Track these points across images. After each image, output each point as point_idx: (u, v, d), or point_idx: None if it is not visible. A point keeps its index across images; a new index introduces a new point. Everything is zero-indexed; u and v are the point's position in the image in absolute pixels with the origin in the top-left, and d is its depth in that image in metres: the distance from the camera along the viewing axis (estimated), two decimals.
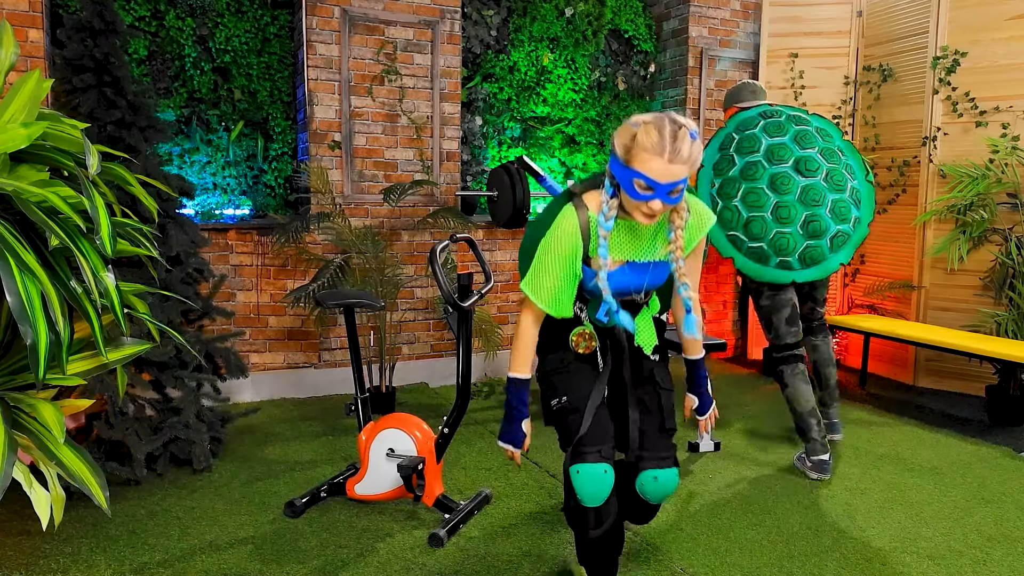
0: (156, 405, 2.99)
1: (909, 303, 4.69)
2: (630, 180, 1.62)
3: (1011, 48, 4.24)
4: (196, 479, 2.98)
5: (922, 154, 4.60)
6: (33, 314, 1.56)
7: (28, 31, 3.38)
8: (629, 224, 1.76)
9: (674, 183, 1.59)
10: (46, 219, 1.61)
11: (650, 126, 1.58)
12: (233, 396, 3.96)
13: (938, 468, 3.22)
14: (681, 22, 5.19)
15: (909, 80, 4.69)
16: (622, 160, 1.63)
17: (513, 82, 4.99)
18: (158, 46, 4.03)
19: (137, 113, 3.00)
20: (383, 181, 4.27)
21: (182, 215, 3.17)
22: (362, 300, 2.65)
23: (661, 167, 1.57)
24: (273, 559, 2.34)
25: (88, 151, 1.71)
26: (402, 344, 4.42)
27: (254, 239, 4.05)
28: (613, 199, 1.69)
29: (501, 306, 4.79)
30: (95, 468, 1.80)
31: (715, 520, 2.67)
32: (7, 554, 2.34)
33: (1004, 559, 2.41)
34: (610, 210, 1.69)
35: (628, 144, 1.61)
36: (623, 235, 1.77)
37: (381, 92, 4.23)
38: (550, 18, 4.97)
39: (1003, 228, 4.26)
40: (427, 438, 2.56)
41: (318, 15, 4.02)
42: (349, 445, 3.40)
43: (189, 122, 4.18)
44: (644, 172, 1.58)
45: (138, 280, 2.70)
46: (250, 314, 4.09)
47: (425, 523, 2.61)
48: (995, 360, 3.75)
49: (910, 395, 4.45)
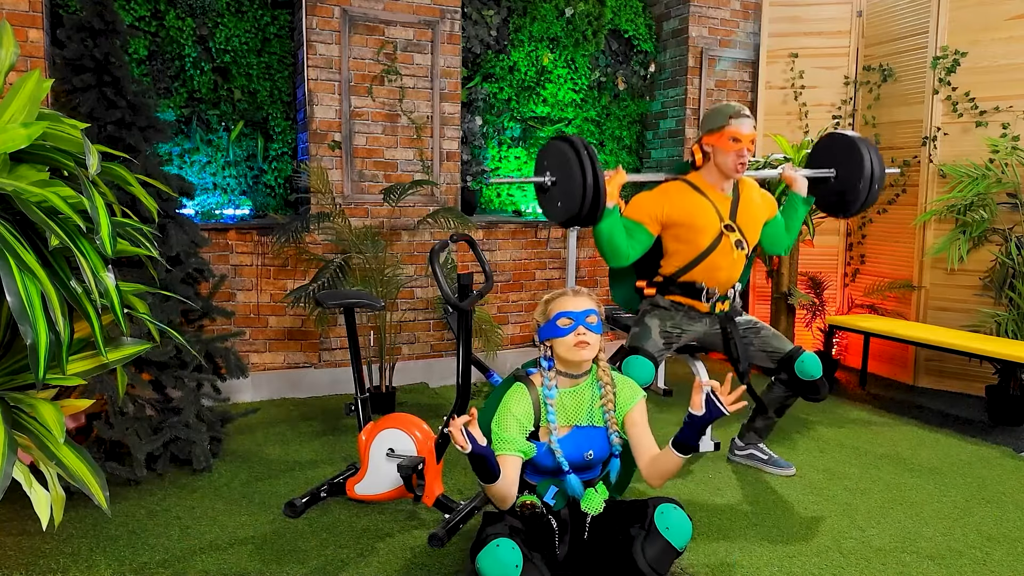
0: (156, 405, 2.99)
1: (909, 303, 4.69)
2: (555, 325, 1.98)
3: (1011, 48, 4.24)
4: (196, 479, 2.98)
5: (922, 154, 4.60)
6: (33, 314, 1.56)
7: (28, 31, 3.38)
8: (569, 392, 2.04)
9: (587, 311, 1.97)
10: (46, 219, 1.61)
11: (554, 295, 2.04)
12: (233, 396, 3.96)
13: (938, 468, 3.22)
14: (681, 22, 5.19)
15: (909, 80, 4.69)
16: (545, 319, 2.02)
17: (513, 82, 4.99)
18: (158, 46, 4.03)
19: (137, 113, 3.00)
20: (383, 181, 4.27)
21: (182, 215, 3.17)
22: (362, 300, 2.65)
23: (571, 301, 1.99)
24: (273, 559, 2.34)
25: (88, 151, 1.71)
26: (402, 344, 4.42)
27: (254, 239, 4.05)
28: (550, 370, 2.03)
29: (501, 306, 4.79)
30: (95, 468, 1.79)
31: (715, 520, 2.66)
32: (7, 554, 2.34)
33: (1004, 559, 2.41)
34: (551, 380, 2.01)
35: (543, 309, 2.04)
36: (566, 401, 2.03)
37: (381, 92, 4.23)
38: (550, 18, 4.97)
39: (1003, 228, 4.26)
40: (427, 438, 2.56)
41: (318, 15, 4.02)
42: (349, 445, 3.40)
43: (189, 122, 4.18)
44: (561, 309, 1.98)
45: (138, 280, 2.70)
46: (250, 314, 4.09)
47: (425, 523, 2.61)
48: (995, 360, 3.75)
49: (910, 395, 4.45)
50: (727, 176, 2.87)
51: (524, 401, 1.99)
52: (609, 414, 2.02)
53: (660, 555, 1.83)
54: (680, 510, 1.88)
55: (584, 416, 2.04)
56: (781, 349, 2.95)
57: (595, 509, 1.99)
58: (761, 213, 3.02)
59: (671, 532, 1.83)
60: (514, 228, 4.76)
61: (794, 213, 3.11)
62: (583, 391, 2.05)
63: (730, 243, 2.87)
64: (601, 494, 2.02)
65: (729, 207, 2.91)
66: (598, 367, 2.08)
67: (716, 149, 2.84)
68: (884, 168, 3.11)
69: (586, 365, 2.03)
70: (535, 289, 4.88)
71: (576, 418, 2.03)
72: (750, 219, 2.95)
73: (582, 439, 2.02)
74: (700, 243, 2.87)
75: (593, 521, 2.01)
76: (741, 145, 2.78)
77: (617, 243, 2.83)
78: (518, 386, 2.04)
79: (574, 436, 2.02)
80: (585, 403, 2.05)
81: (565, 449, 1.99)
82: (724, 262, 2.89)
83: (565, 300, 2.01)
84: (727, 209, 2.90)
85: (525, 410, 1.98)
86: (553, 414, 1.99)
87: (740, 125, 2.78)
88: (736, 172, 2.83)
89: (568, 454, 1.99)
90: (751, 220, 2.96)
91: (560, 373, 2.04)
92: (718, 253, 2.87)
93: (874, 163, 3.07)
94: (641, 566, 1.81)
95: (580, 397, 2.05)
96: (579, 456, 2.01)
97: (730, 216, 2.90)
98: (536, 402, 2.00)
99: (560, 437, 2.00)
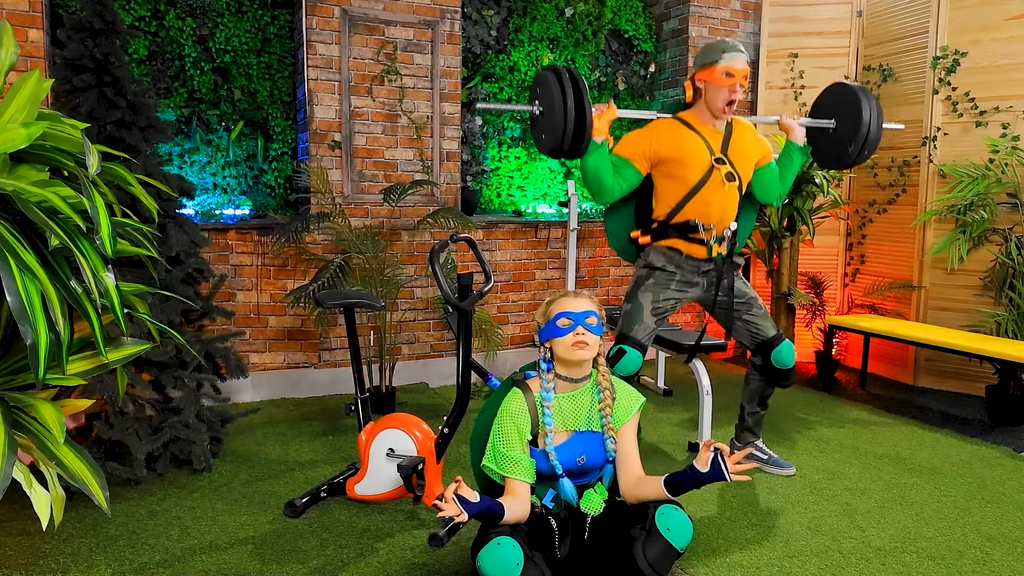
0: (156, 405, 2.99)
1: (909, 303, 4.69)
2: (554, 325, 1.98)
3: (1011, 48, 4.24)
4: (196, 479, 2.98)
5: (922, 154, 4.60)
6: (33, 314, 1.56)
7: (28, 31, 3.38)
8: (569, 397, 2.04)
9: (587, 311, 1.98)
10: (46, 219, 1.61)
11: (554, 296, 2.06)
12: (233, 396, 3.96)
13: (938, 468, 3.22)
14: (681, 22, 5.19)
15: (909, 80, 4.69)
16: (545, 320, 2.02)
17: (513, 82, 4.99)
18: (158, 46, 4.03)
19: (137, 113, 3.00)
20: (383, 181, 4.27)
21: (182, 215, 3.17)
22: (362, 300, 2.65)
23: (571, 302, 2.00)
24: (273, 559, 2.34)
25: (88, 151, 1.71)
26: (402, 344, 4.42)
27: (254, 239, 4.05)
28: (549, 372, 2.02)
29: (501, 306, 4.79)
30: (95, 468, 1.79)
31: (715, 520, 2.67)
32: (7, 554, 2.34)
33: (1004, 559, 2.41)
34: (548, 382, 2.01)
35: (543, 310, 2.04)
36: (565, 406, 2.03)
37: (381, 92, 4.23)
38: (550, 18, 4.97)
39: (1003, 228, 4.26)
40: (427, 438, 2.56)
41: (318, 15, 4.02)
42: (349, 445, 3.40)
43: (189, 122, 4.18)
44: (561, 310, 1.99)
45: (138, 280, 2.70)
46: (250, 314, 4.09)
47: (425, 523, 2.61)
48: (995, 360, 3.75)
49: (910, 395, 4.45)
50: (716, 116, 2.86)
51: (522, 410, 1.99)
52: (607, 419, 2.03)
53: (661, 556, 1.83)
54: (681, 511, 1.88)
55: (583, 421, 2.04)
56: (764, 333, 2.97)
57: (595, 510, 1.99)
58: (754, 152, 2.97)
59: (672, 533, 1.83)
60: (514, 228, 4.76)
61: (790, 162, 3.06)
62: (582, 396, 2.05)
63: (720, 176, 2.83)
64: (600, 495, 2.02)
65: (720, 142, 2.88)
66: (598, 372, 2.08)
67: (708, 84, 2.81)
68: (882, 120, 3.05)
69: (585, 367, 2.03)
70: (535, 289, 4.88)
71: (575, 423, 2.03)
72: (741, 154, 2.91)
73: (577, 444, 2.02)
74: (690, 178, 2.83)
75: (593, 521, 2.01)
76: (734, 80, 2.76)
77: (603, 178, 2.81)
78: (515, 392, 2.04)
79: (572, 441, 2.02)
80: (584, 408, 2.05)
81: (561, 454, 1.99)
82: (715, 196, 2.85)
83: (565, 301, 2.02)
84: (718, 144, 2.87)
85: (524, 419, 1.99)
86: (549, 416, 1.99)
87: (734, 60, 2.76)
88: (723, 112, 2.82)
89: (563, 458, 2.00)
90: (743, 155, 2.92)
91: (559, 377, 2.03)
92: (709, 188, 2.83)
93: (872, 114, 3.01)
94: (642, 566, 1.81)
95: (579, 402, 2.05)
96: (572, 461, 2.01)
97: (721, 150, 2.87)
98: (533, 407, 2.00)
99: (559, 443, 2.00)
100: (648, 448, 3.39)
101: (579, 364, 2.01)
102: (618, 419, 2.04)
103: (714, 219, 2.88)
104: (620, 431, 2.04)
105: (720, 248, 2.92)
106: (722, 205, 2.87)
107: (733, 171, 2.86)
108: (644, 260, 3.02)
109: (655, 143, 2.85)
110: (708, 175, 2.83)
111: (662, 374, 4.50)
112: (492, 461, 1.99)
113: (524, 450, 1.98)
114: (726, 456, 1.83)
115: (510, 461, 1.96)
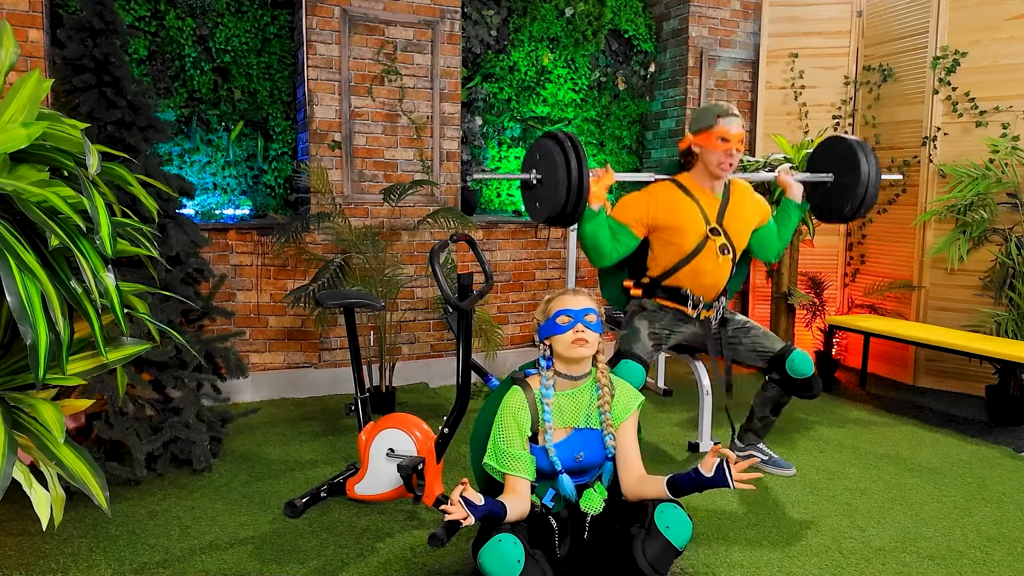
0: (156, 405, 2.99)
1: (909, 303, 4.69)
2: (554, 322, 1.99)
3: (1011, 48, 4.24)
4: (196, 479, 2.98)
5: (922, 154, 4.60)
6: (33, 314, 1.56)
7: (28, 31, 3.38)
8: (568, 394, 2.05)
9: (586, 309, 1.99)
10: (46, 219, 1.61)
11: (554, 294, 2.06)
12: (233, 396, 3.96)
13: (938, 468, 3.22)
14: (681, 22, 5.19)
15: (909, 80, 4.69)
16: (545, 318, 2.03)
17: (513, 82, 4.99)
18: (158, 46, 4.03)
19: (137, 113, 3.00)
20: (383, 181, 4.27)
21: (182, 215, 3.17)
22: (362, 300, 2.65)
23: (571, 300, 2.01)
24: (273, 559, 2.34)
25: (88, 151, 1.71)
26: (402, 344, 4.42)
27: (254, 239, 4.05)
28: (549, 370, 2.03)
29: (501, 306, 4.79)
30: (95, 468, 1.79)
31: (715, 520, 2.67)
32: (7, 554, 2.34)
33: (1004, 559, 2.41)
34: (548, 380, 2.02)
35: (543, 308, 2.05)
36: (564, 403, 2.04)
37: (381, 92, 4.23)
38: (550, 18, 4.97)
39: (1003, 228, 4.26)
40: (427, 438, 2.56)
41: (318, 15, 4.02)
42: (349, 445, 3.40)
43: (189, 122, 4.18)
44: (561, 307, 2.00)
45: (138, 280, 2.70)
46: (250, 314, 4.09)
47: (425, 523, 2.61)
48: (995, 360, 3.75)
49: (910, 395, 4.45)
50: (715, 176, 2.83)
51: (522, 406, 2.00)
52: (605, 416, 2.03)
53: (660, 554, 1.83)
54: (680, 509, 1.88)
55: (582, 418, 2.04)
56: (771, 348, 2.93)
57: (595, 509, 2.00)
58: (752, 217, 2.97)
59: (671, 531, 1.83)
60: (514, 228, 4.76)
61: (787, 219, 3.07)
62: (582, 393, 2.05)
63: (715, 247, 2.83)
64: (600, 494, 2.02)
65: (717, 209, 2.87)
66: (597, 369, 2.08)
67: (704, 149, 2.80)
68: (880, 174, 3.07)
69: (585, 365, 2.04)
70: (535, 289, 4.88)
71: (574, 420, 2.04)
72: (738, 223, 2.91)
73: (577, 441, 2.02)
74: (684, 246, 2.84)
75: (593, 520, 2.01)
76: (730, 145, 2.74)
77: (601, 244, 2.81)
78: (515, 390, 2.04)
79: (571, 439, 2.02)
80: (583, 405, 2.05)
81: (560, 451, 2.00)
82: (708, 266, 2.86)
83: (565, 299, 2.02)
84: (715, 212, 2.86)
85: (524, 416, 1.99)
86: (549, 413, 2.00)
87: (729, 124, 2.75)
88: (722, 172, 2.80)
89: (562, 456, 2.00)
90: (739, 224, 2.91)
91: (559, 374, 2.04)
92: (703, 257, 2.84)
93: (871, 169, 3.04)
94: (641, 565, 1.81)
95: (579, 399, 2.05)
96: (571, 459, 2.01)
97: (717, 219, 2.86)
98: (532, 404, 2.01)
99: (559, 441, 2.00)
100: (648, 448, 3.39)
101: (578, 361, 2.01)
102: (617, 416, 2.05)
103: (706, 287, 2.91)
104: (619, 428, 2.04)
105: (708, 313, 2.97)
106: (715, 274, 2.89)
107: (728, 243, 2.87)
108: (636, 303, 3.05)
109: (652, 209, 2.84)
110: (702, 245, 2.84)
111: (662, 374, 4.50)
112: (493, 458, 2.00)
113: (524, 447, 1.98)
114: (732, 463, 1.83)
115: (511, 458, 1.96)
